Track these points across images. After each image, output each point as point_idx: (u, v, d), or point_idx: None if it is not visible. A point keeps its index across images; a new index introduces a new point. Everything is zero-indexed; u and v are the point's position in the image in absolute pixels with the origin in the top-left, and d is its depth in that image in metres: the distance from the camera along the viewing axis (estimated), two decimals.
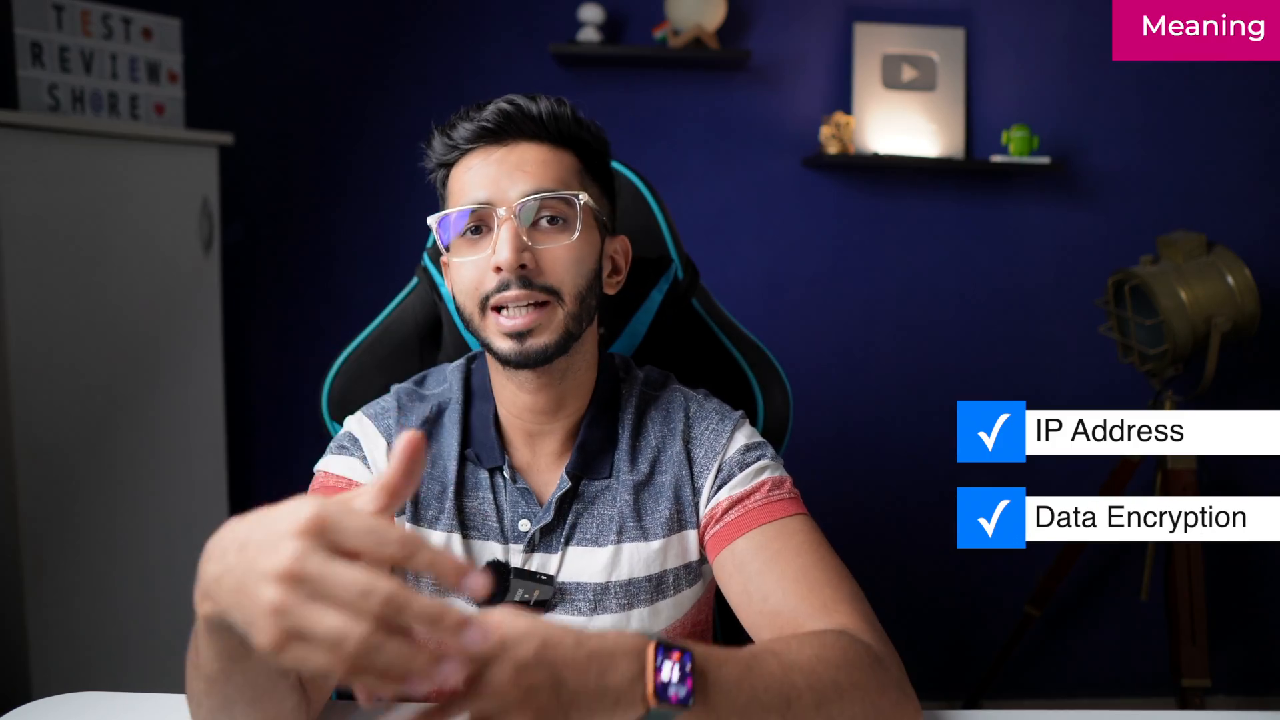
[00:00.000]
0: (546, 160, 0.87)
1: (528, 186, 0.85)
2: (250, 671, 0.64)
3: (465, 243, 0.87)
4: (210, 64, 2.20)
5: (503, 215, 0.84)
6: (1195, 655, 2.04)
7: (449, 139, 0.88)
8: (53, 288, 1.76)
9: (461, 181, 0.87)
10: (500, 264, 0.83)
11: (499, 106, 0.87)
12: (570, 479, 0.90)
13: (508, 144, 0.87)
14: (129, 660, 1.92)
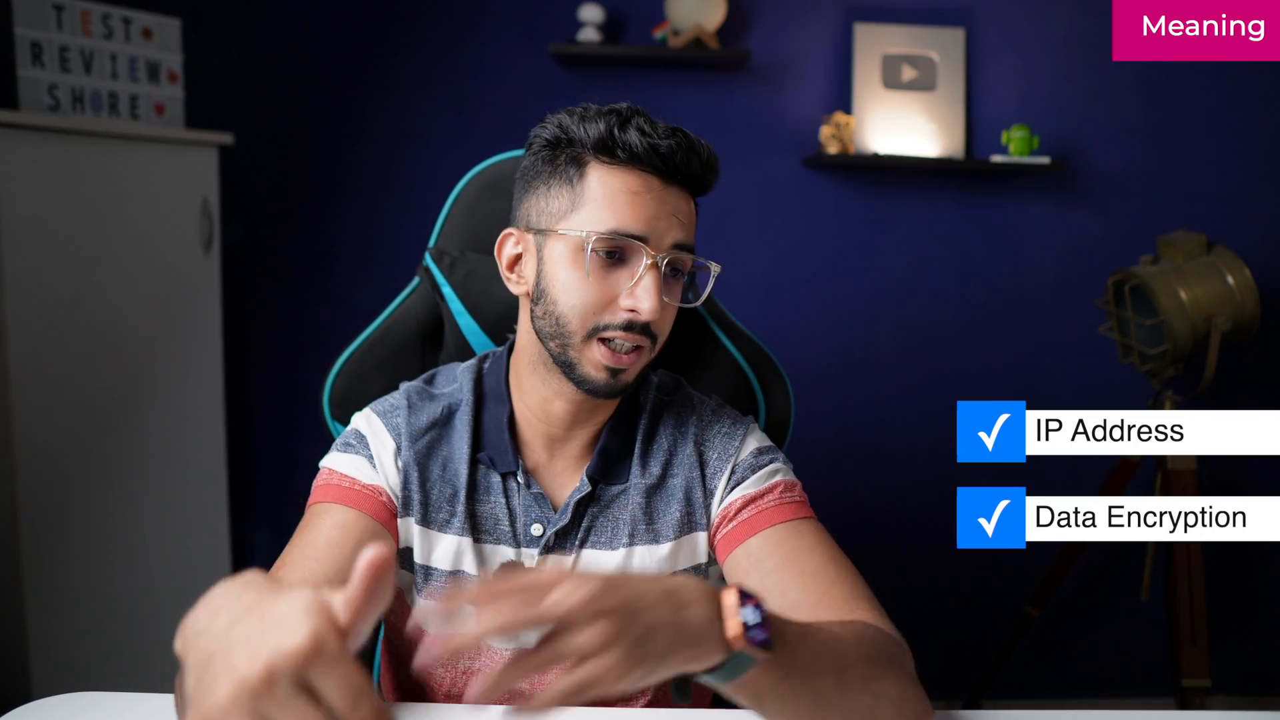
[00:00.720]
0: (690, 212, 0.89)
1: (680, 237, 0.86)
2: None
3: (598, 261, 0.84)
4: (210, 64, 2.20)
5: (649, 261, 0.84)
6: (1195, 655, 2.03)
7: (612, 140, 0.84)
8: (53, 288, 1.76)
9: (616, 197, 0.84)
10: (641, 310, 0.83)
11: (677, 139, 0.85)
12: (590, 482, 0.90)
13: (670, 184, 0.86)
14: (129, 660, 1.92)
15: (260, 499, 2.34)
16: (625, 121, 0.84)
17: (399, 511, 0.89)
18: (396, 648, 0.98)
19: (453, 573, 0.90)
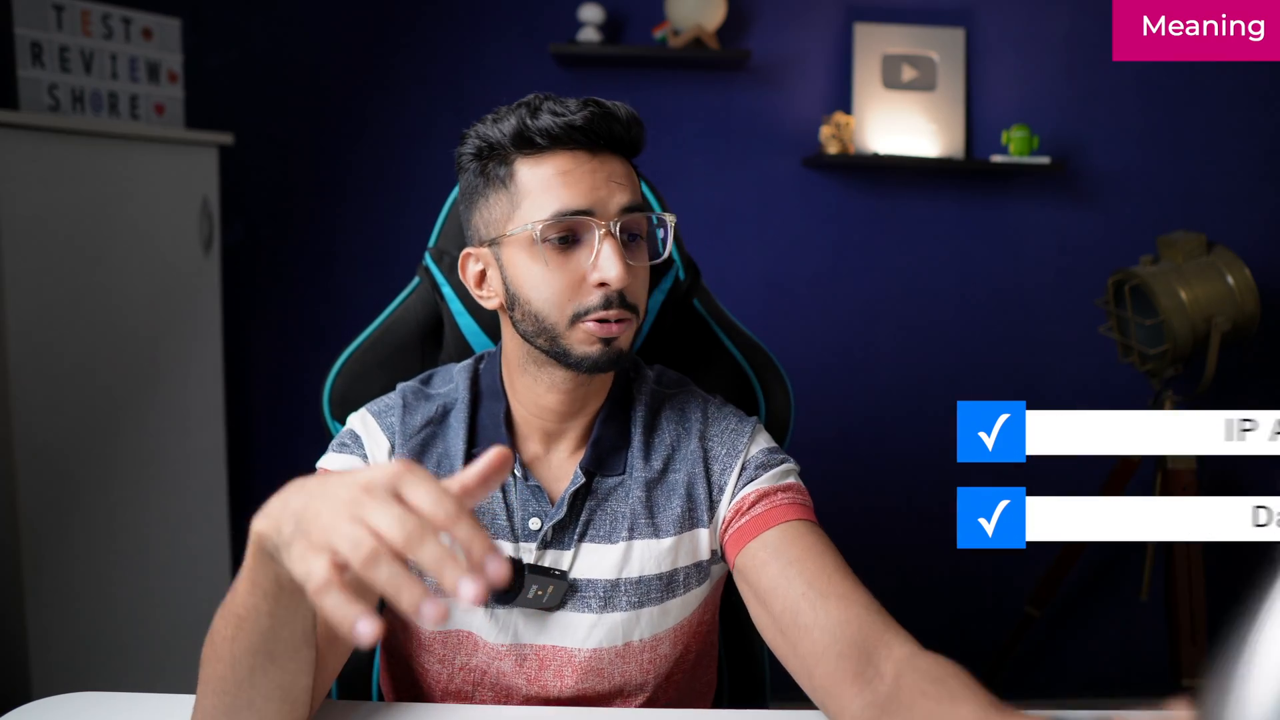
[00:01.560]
0: (628, 174, 0.87)
1: (625, 200, 0.84)
2: (281, 614, 0.65)
3: (554, 251, 0.83)
4: (210, 64, 2.20)
5: (605, 229, 0.82)
6: (1195, 655, 2.04)
7: (526, 129, 0.83)
8: (53, 288, 1.76)
9: (548, 183, 0.83)
10: (610, 281, 0.82)
11: (591, 110, 0.84)
12: (584, 475, 0.90)
13: (598, 154, 0.85)
14: (129, 660, 1.92)
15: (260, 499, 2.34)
16: (535, 110, 0.84)
17: None
18: (395, 647, 0.98)
19: None
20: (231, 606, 0.66)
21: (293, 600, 0.64)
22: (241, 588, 0.64)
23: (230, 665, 0.68)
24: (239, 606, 0.65)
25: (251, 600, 0.64)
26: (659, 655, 0.91)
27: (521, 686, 0.90)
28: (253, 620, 0.65)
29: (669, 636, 0.91)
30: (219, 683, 0.69)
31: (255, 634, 0.66)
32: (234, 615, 0.66)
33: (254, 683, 0.69)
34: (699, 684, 1.00)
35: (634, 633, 0.89)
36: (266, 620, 0.65)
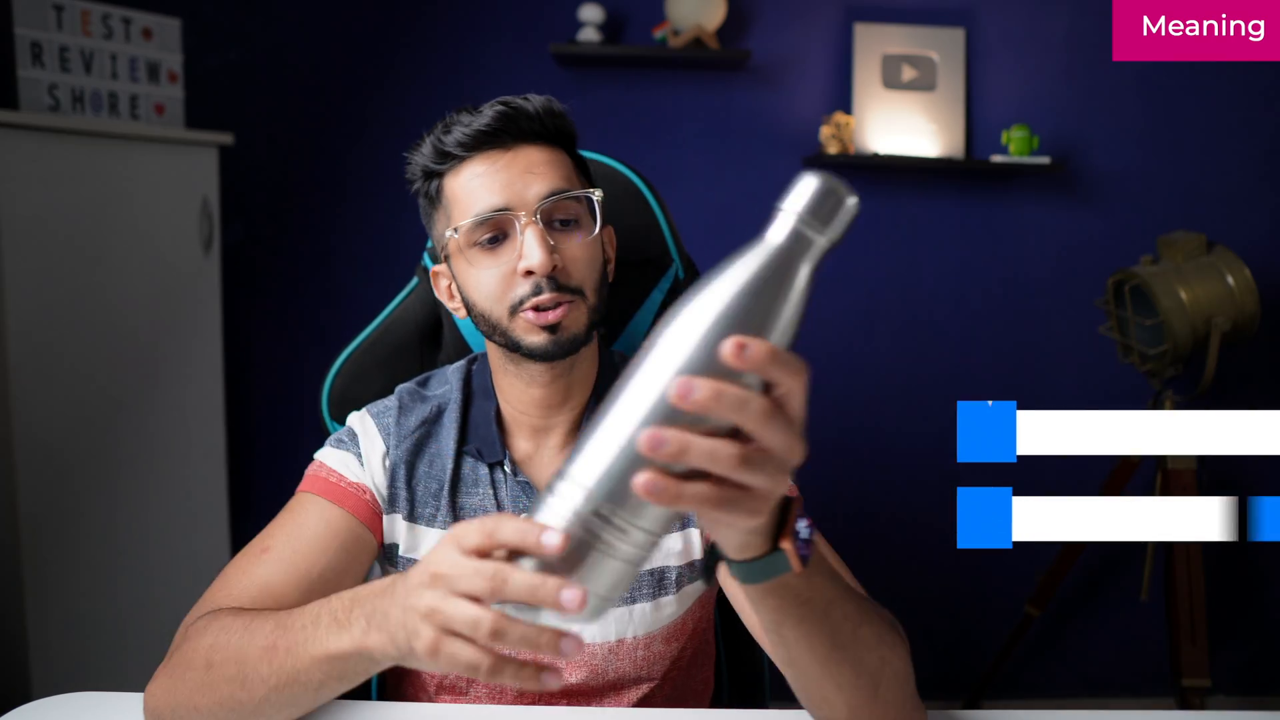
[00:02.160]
0: (550, 160, 0.87)
1: (543, 188, 0.85)
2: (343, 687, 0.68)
3: (482, 252, 0.86)
4: (210, 64, 2.19)
5: (525, 219, 0.84)
6: (1195, 655, 2.03)
7: (442, 145, 0.87)
8: (53, 288, 1.76)
9: (467, 190, 0.86)
10: (533, 267, 0.83)
11: (496, 110, 0.86)
12: None
13: (510, 148, 0.87)
14: (129, 660, 1.91)
15: (260, 499, 2.34)
16: (447, 127, 0.88)
17: (384, 509, 0.91)
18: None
19: None
20: (286, 664, 0.67)
21: (359, 680, 0.67)
22: (308, 660, 0.66)
23: (261, 702, 0.70)
24: (300, 672, 0.66)
25: (319, 675, 0.66)
26: (653, 652, 0.91)
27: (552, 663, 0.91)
28: (311, 689, 0.67)
29: (662, 634, 0.92)
30: (234, 703, 0.71)
31: (307, 696, 0.69)
32: (288, 674, 0.67)
33: (268, 715, 0.71)
34: (695, 682, 1.01)
35: (627, 629, 0.90)
36: (327, 694, 0.68)
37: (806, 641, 0.65)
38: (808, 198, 0.52)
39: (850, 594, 0.69)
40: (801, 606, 0.64)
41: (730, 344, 0.47)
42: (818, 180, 0.51)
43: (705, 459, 0.47)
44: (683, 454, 0.47)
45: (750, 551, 0.59)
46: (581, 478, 0.50)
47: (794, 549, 0.58)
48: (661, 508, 0.49)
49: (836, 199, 0.52)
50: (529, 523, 0.51)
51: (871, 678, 0.69)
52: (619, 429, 0.49)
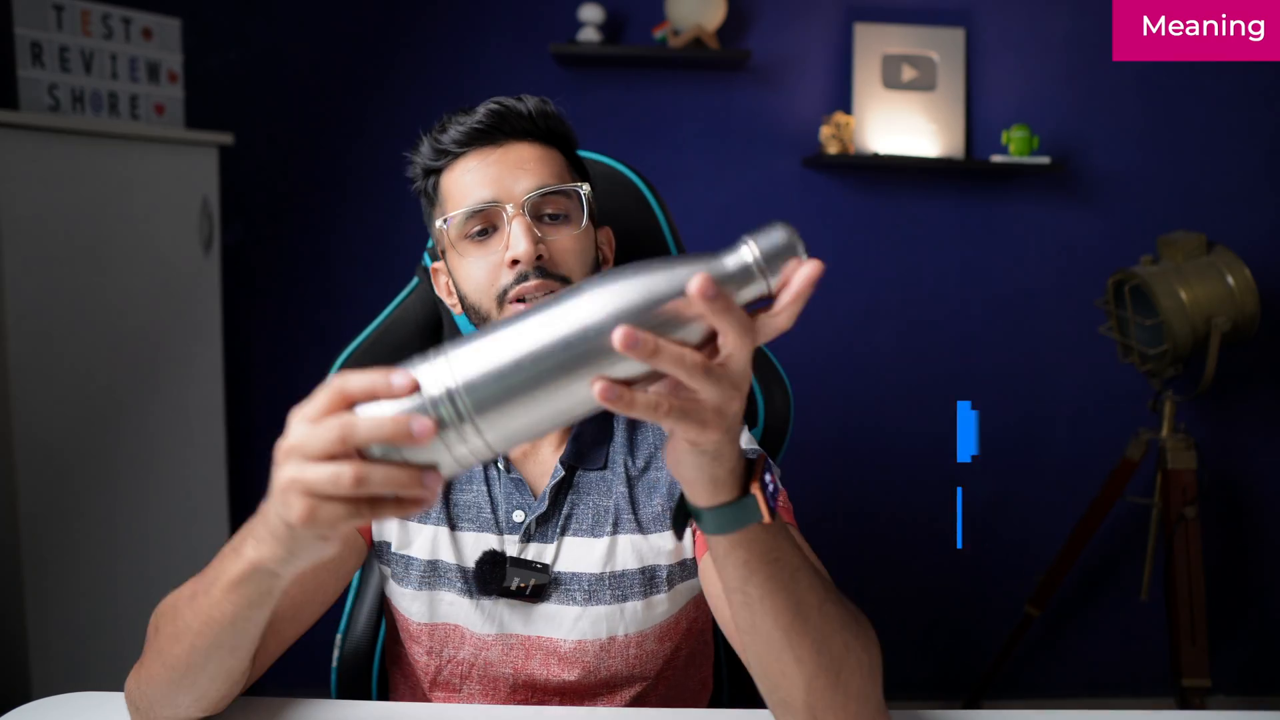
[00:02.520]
0: (541, 157, 0.90)
1: (531, 182, 0.87)
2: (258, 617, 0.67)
3: (472, 244, 0.88)
4: (210, 64, 2.20)
5: (512, 211, 0.86)
6: (1195, 655, 2.04)
7: (438, 143, 0.90)
8: (53, 288, 1.76)
9: (460, 184, 0.89)
10: (518, 256, 0.84)
11: (490, 108, 0.89)
12: (565, 468, 0.92)
13: (502, 144, 0.89)
14: (129, 660, 1.91)
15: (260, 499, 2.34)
16: (443, 126, 0.91)
17: None
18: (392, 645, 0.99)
19: (430, 562, 0.91)
20: (200, 602, 0.68)
21: (269, 604, 0.66)
22: (216, 591, 0.66)
23: (189, 650, 0.70)
24: (212, 608, 0.67)
25: (228, 606, 0.66)
26: (645, 651, 0.92)
27: (509, 676, 0.91)
28: (227, 623, 0.67)
29: (655, 633, 0.92)
30: (172, 659, 0.72)
31: (224, 632, 0.68)
32: (204, 614, 0.67)
33: (206, 668, 0.71)
34: (692, 682, 1.01)
35: (618, 627, 0.90)
36: (242, 624, 0.67)
37: (771, 601, 0.65)
38: (770, 246, 0.54)
39: (817, 571, 0.70)
40: (769, 564, 0.64)
41: (699, 280, 0.50)
42: (785, 233, 0.54)
43: (673, 361, 0.51)
44: (656, 353, 0.50)
45: (720, 496, 0.60)
46: (462, 367, 0.51)
47: (763, 496, 0.60)
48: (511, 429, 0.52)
49: (791, 254, 0.54)
50: (375, 371, 0.53)
51: (834, 660, 0.67)
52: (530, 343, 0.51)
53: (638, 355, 0.50)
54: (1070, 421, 2.41)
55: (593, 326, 0.51)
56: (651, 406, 0.52)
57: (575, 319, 0.51)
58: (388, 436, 0.52)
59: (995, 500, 2.43)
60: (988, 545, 2.45)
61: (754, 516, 0.61)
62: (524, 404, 0.52)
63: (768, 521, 0.61)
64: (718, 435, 0.56)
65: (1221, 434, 2.40)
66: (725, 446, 0.58)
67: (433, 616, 0.92)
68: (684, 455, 0.59)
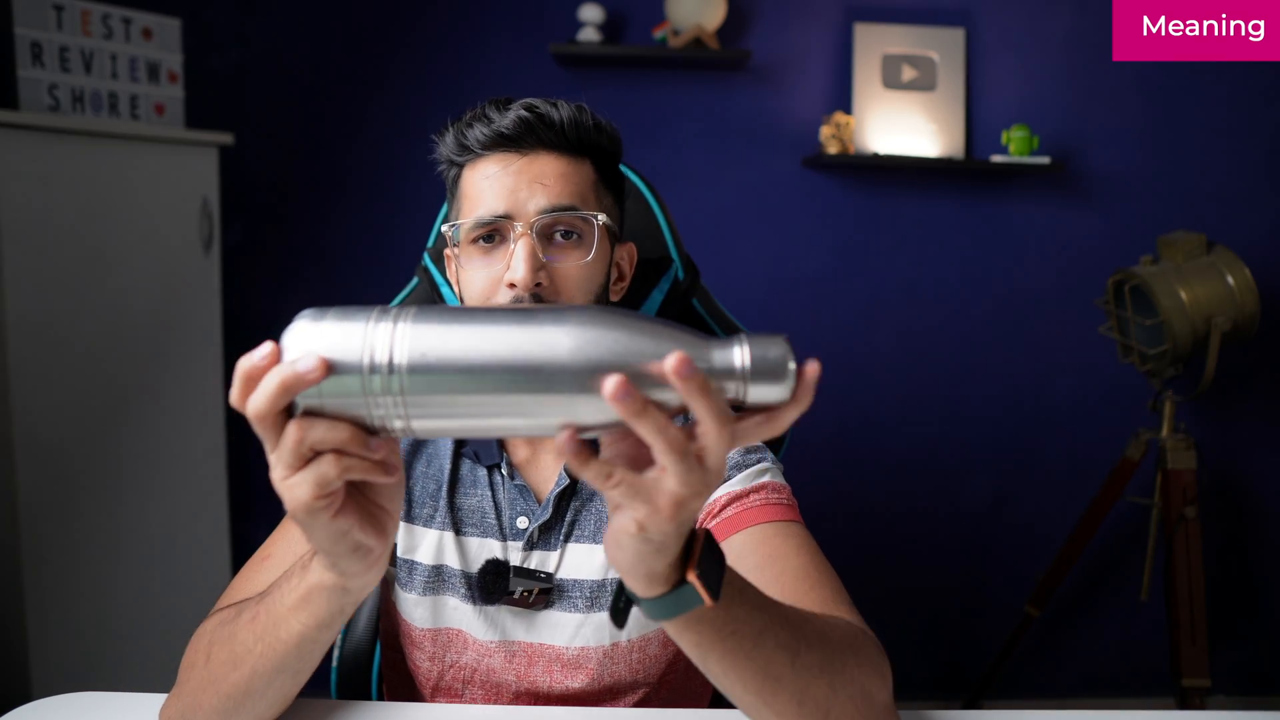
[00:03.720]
0: (565, 173, 0.86)
1: (546, 202, 0.84)
2: (326, 639, 0.67)
3: (477, 250, 0.86)
4: (210, 64, 2.20)
5: (519, 231, 0.83)
6: (1195, 655, 2.04)
7: (463, 139, 0.87)
8: (53, 288, 1.76)
9: (477, 188, 0.86)
10: (515, 281, 0.82)
11: (519, 114, 0.85)
12: (569, 476, 0.91)
13: (527, 154, 0.86)
14: (129, 660, 1.92)
15: (260, 499, 2.34)
16: (473, 119, 0.87)
17: None
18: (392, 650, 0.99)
19: (435, 567, 0.91)
20: (263, 624, 0.67)
21: (339, 626, 0.66)
22: (283, 613, 0.66)
23: (249, 675, 0.69)
24: (279, 630, 0.66)
25: (297, 627, 0.65)
26: (648, 656, 0.91)
27: (511, 683, 0.91)
28: (295, 645, 0.66)
29: (658, 637, 0.92)
30: (230, 686, 0.71)
31: (291, 655, 0.67)
32: (272, 637, 0.67)
33: (266, 694, 0.71)
34: (694, 686, 1.00)
35: (621, 633, 0.89)
36: (309, 646, 0.67)
37: (735, 674, 0.62)
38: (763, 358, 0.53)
39: (787, 621, 0.65)
40: (724, 640, 0.60)
41: (678, 357, 0.47)
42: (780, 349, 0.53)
43: (656, 428, 0.48)
44: (641, 414, 0.47)
45: (657, 587, 0.56)
46: (417, 345, 0.49)
47: (700, 583, 0.56)
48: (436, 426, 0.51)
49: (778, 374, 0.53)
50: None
51: (819, 705, 0.65)
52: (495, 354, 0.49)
53: (623, 408, 0.47)
54: (1070, 421, 2.41)
55: (569, 364, 0.48)
56: (603, 475, 0.49)
57: (554, 346, 0.48)
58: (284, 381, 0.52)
59: (995, 500, 2.43)
60: (988, 545, 2.45)
61: (695, 603, 0.56)
62: (462, 409, 0.50)
63: (709, 606, 0.57)
64: (669, 526, 0.51)
65: (1221, 434, 2.40)
66: (671, 540, 0.53)
67: (436, 622, 0.92)
68: (624, 539, 0.53)
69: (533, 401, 0.49)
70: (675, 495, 0.50)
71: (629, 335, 0.49)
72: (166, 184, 1.98)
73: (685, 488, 0.50)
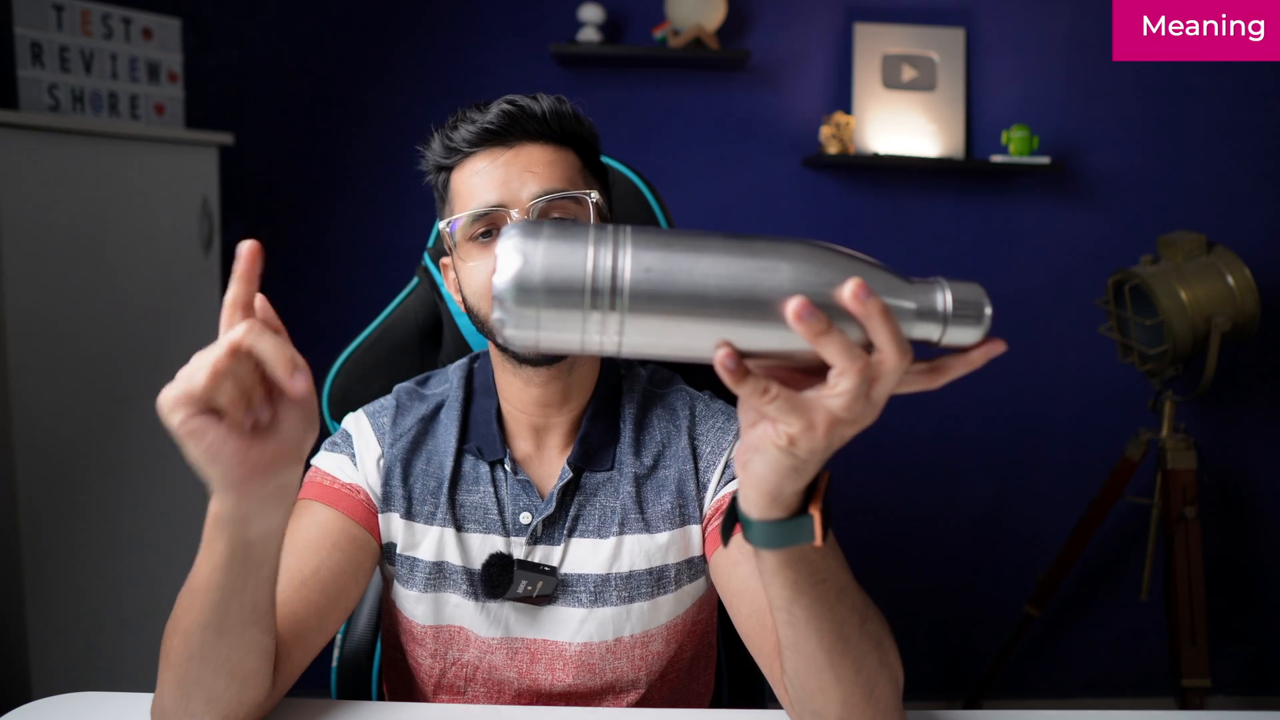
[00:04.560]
0: (552, 160, 0.88)
1: (538, 187, 0.86)
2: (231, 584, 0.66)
3: (476, 246, 0.87)
4: (210, 64, 2.20)
5: (516, 217, 0.85)
6: (1195, 655, 2.04)
7: (449, 141, 0.88)
8: (53, 288, 1.76)
9: (468, 185, 0.87)
10: None
11: (502, 108, 0.87)
12: (572, 470, 0.91)
13: (513, 146, 0.87)
14: (129, 660, 1.92)
15: None
16: (456, 123, 0.89)
17: (379, 508, 0.91)
18: (393, 649, 0.99)
19: (436, 564, 0.91)
20: (189, 582, 0.68)
21: (243, 570, 0.65)
22: (198, 561, 0.66)
23: (184, 638, 0.69)
24: (194, 580, 0.67)
25: (204, 572, 0.65)
26: (650, 652, 0.92)
27: (513, 680, 0.91)
28: (204, 592, 0.66)
29: (661, 634, 0.92)
30: (174, 656, 0.71)
31: (206, 606, 0.66)
32: (189, 589, 0.68)
33: (204, 657, 0.69)
34: (696, 685, 1.01)
35: (624, 628, 0.90)
36: (216, 593, 0.66)
37: (815, 624, 0.64)
38: (964, 301, 0.55)
39: (859, 587, 0.69)
40: (817, 585, 0.62)
41: (855, 282, 0.49)
42: (978, 294, 0.56)
43: (839, 349, 0.50)
44: (822, 334, 0.49)
45: (777, 509, 0.57)
46: (640, 263, 0.50)
47: (820, 518, 0.57)
48: (647, 343, 0.51)
49: (976, 317, 0.56)
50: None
51: (870, 677, 0.68)
52: (718, 276, 0.50)
53: (806, 329, 0.49)
54: (1070, 421, 2.41)
55: (790, 294, 0.50)
56: (759, 389, 0.51)
57: (775, 275, 0.50)
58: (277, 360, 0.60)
59: (995, 500, 2.43)
60: (988, 545, 2.45)
61: (806, 538, 0.57)
62: (676, 333, 0.50)
63: (819, 545, 0.58)
64: (821, 444, 0.52)
65: (1221, 434, 2.40)
66: (814, 462, 0.54)
67: (437, 619, 0.92)
68: (768, 449, 0.54)
69: (747, 327, 0.50)
70: (835, 416, 0.51)
71: (844, 269, 0.51)
72: (166, 184, 1.98)
73: (847, 411, 0.51)
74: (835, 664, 0.66)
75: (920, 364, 0.54)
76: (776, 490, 0.56)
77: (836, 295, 0.50)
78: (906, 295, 0.53)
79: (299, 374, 0.57)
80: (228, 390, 0.59)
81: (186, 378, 0.58)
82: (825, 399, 0.51)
